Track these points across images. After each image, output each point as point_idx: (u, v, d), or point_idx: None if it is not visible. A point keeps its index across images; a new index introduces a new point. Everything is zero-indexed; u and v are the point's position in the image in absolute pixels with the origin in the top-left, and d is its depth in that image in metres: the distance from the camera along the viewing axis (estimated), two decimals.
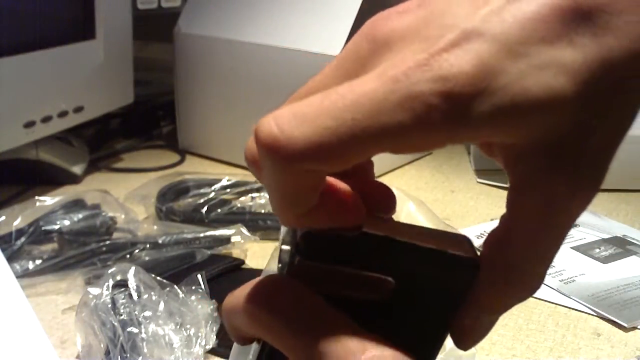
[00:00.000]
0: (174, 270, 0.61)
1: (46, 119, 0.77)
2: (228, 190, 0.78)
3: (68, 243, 0.64)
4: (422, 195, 0.82)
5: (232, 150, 0.91)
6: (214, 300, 0.52)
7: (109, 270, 0.52)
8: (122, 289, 0.50)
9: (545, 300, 0.61)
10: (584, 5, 0.19)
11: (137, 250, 0.64)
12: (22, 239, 0.63)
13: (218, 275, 0.60)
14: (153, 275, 0.53)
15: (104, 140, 0.99)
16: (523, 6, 0.19)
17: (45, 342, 0.43)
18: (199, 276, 0.54)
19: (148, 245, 0.64)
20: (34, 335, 0.43)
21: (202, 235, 0.66)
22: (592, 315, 0.59)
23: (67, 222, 0.65)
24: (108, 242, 0.64)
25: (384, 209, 0.24)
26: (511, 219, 0.22)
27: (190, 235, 0.66)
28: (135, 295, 0.50)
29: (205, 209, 0.73)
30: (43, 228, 0.65)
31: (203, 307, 0.52)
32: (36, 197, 0.69)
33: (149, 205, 0.75)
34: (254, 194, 0.77)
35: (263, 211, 0.75)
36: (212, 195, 0.76)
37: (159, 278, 0.53)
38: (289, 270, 0.22)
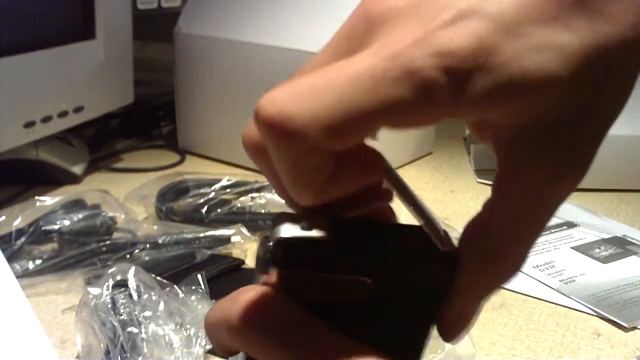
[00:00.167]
0: (174, 270, 0.61)
1: (46, 119, 0.77)
2: (228, 190, 0.78)
3: (68, 243, 0.64)
4: (422, 195, 0.82)
5: (232, 150, 0.91)
6: (213, 300, 0.52)
7: (109, 270, 0.52)
8: (122, 289, 0.51)
9: (545, 300, 0.61)
10: None
11: (137, 250, 0.64)
12: (22, 239, 0.63)
13: (218, 275, 0.60)
14: (153, 275, 0.53)
15: (104, 140, 0.99)
16: None
17: (45, 342, 0.43)
18: (199, 276, 0.54)
19: (148, 245, 0.64)
20: (34, 335, 0.43)
21: (202, 235, 0.66)
22: (592, 315, 0.59)
23: (67, 222, 0.65)
24: (108, 242, 0.64)
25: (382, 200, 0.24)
26: (497, 202, 0.22)
27: (190, 235, 0.66)
28: (135, 295, 0.50)
29: (205, 209, 0.73)
30: (43, 228, 0.65)
31: (203, 307, 0.52)
32: (36, 197, 0.69)
33: (149, 205, 0.75)
34: (254, 194, 0.77)
35: (263, 211, 0.75)
36: (212, 195, 0.76)
37: (159, 278, 0.53)
38: (264, 283, 0.22)
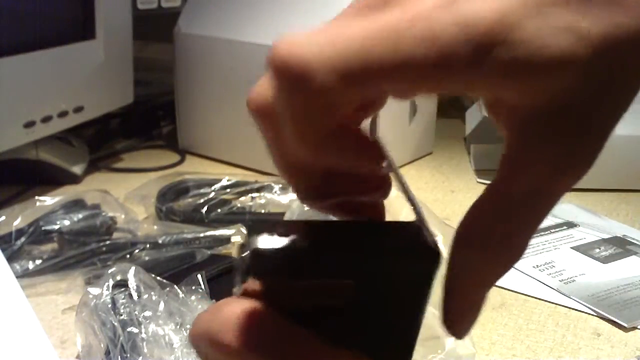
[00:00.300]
0: (174, 270, 0.61)
1: (46, 119, 0.77)
2: (228, 190, 0.78)
3: (68, 243, 0.64)
4: (422, 195, 0.82)
5: (232, 150, 0.91)
6: (213, 300, 0.52)
7: (109, 270, 0.52)
8: (122, 289, 0.50)
9: (545, 300, 0.61)
10: None
11: (137, 250, 0.64)
12: (22, 239, 0.63)
13: (218, 275, 0.60)
14: (153, 275, 0.53)
15: (104, 140, 0.99)
16: None
17: (45, 342, 0.43)
18: (199, 276, 0.54)
19: (148, 245, 0.64)
20: (34, 335, 0.43)
21: (202, 235, 0.66)
22: (592, 315, 0.59)
23: (67, 222, 0.65)
24: (108, 242, 0.64)
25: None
26: (501, 185, 0.22)
27: (190, 235, 0.66)
28: (135, 295, 0.50)
29: (205, 209, 0.73)
30: (43, 228, 0.65)
31: (203, 307, 0.52)
32: (36, 197, 0.69)
33: (149, 205, 0.75)
34: (254, 194, 0.77)
35: (263, 211, 0.75)
36: (212, 195, 0.76)
37: (159, 278, 0.53)
38: (243, 293, 0.22)
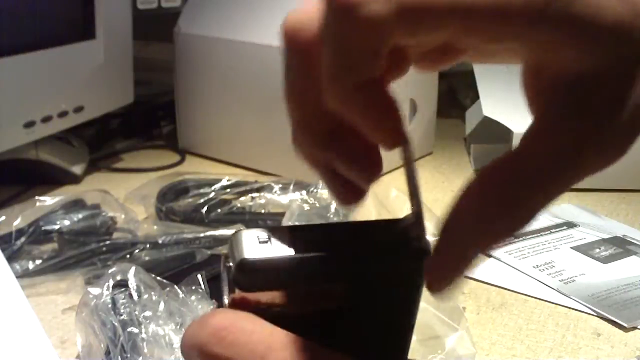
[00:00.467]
0: (174, 270, 0.61)
1: (46, 119, 0.77)
2: (228, 190, 0.78)
3: (68, 243, 0.64)
4: (423, 196, 0.82)
5: (232, 150, 0.91)
6: (213, 300, 0.52)
7: (109, 270, 0.52)
8: (122, 289, 0.50)
9: (545, 300, 0.61)
10: None
11: (137, 250, 0.64)
12: (22, 239, 0.63)
13: (218, 275, 0.60)
14: (153, 275, 0.53)
15: (104, 140, 0.99)
16: None
17: (45, 342, 0.43)
18: (199, 276, 0.54)
19: (148, 245, 0.64)
20: (34, 335, 0.43)
21: (202, 235, 0.66)
22: (592, 315, 0.59)
23: (67, 222, 0.65)
24: (108, 242, 0.64)
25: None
26: (524, 152, 0.21)
27: (190, 235, 0.66)
28: (135, 295, 0.50)
29: (205, 209, 0.73)
30: (43, 228, 0.65)
31: (203, 307, 0.52)
32: (36, 197, 0.69)
33: (149, 205, 0.75)
34: (254, 194, 0.77)
35: (263, 211, 0.75)
36: (212, 195, 0.76)
37: (159, 278, 0.53)
38: (232, 303, 0.22)
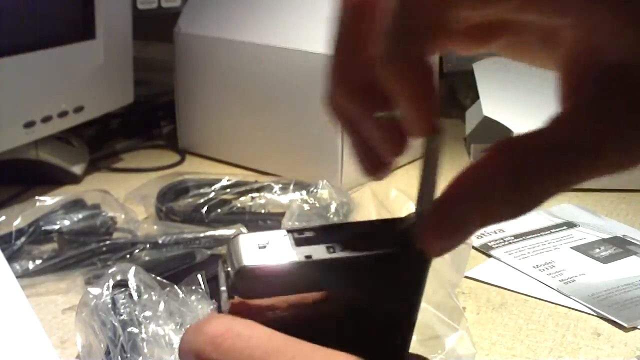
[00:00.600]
0: (174, 270, 0.61)
1: (46, 119, 0.77)
2: (228, 190, 0.78)
3: (68, 243, 0.64)
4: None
5: (232, 150, 0.91)
6: (213, 300, 0.52)
7: (109, 270, 0.52)
8: (122, 289, 0.50)
9: (545, 300, 0.61)
10: None
11: (137, 250, 0.64)
12: (22, 239, 0.63)
13: (217, 275, 0.60)
14: (153, 275, 0.53)
15: (104, 140, 0.99)
16: None
17: (45, 342, 0.43)
18: (199, 276, 0.54)
19: (148, 245, 0.64)
20: (34, 335, 0.43)
21: (202, 235, 0.66)
22: (592, 315, 0.59)
23: (67, 222, 0.65)
24: (108, 242, 0.64)
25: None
26: (545, 135, 0.21)
27: (190, 235, 0.66)
28: (135, 295, 0.50)
29: (205, 209, 0.73)
30: (43, 228, 0.65)
31: (203, 307, 0.52)
32: (36, 197, 0.69)
33: (149, 205, 0.75)
34: (254, 194, 0.77)
35: (263, 211, 0.75)
36: (212, 195, 0.76)
37: (159, 278, 0.53)
38: (232, 309, 0.22)
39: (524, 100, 0.87)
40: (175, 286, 0.52)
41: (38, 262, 0.61)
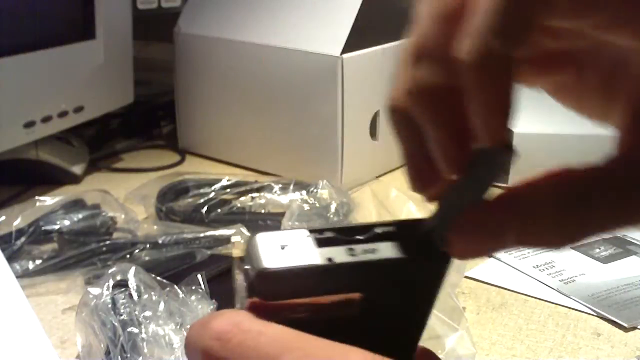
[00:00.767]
0: (174, 270, 0.61)
1: (46, 119, 0.77)
2: (228, 190, 0.78)
3: (68, 243, 0.64)
4: (422, 196, 0.82)
5: (232, 150, 0.91)
6: (213, 300, 0.52)
7: (109, 270, 0.52)
8: (122, 289, 0.50)
9: (545, 300, 0.61)
10: None
11: (137, 250, 0.64)
12: (22, 239, 0.63)
13: (218, 275, 0.60)
14: (153, 275, 0.53)
15: (104, 140, 0.99)
16: None
17: (45, 342, 0.43)
18: (199, 276, 0.54)
19: (148, 245, 0.64)
20: (34, 335, 0.43)
21: (202, 235, 0.66)
22: (592, 315, 0.59)
23: (67, 222, 0.65)
24: (108, 242, 0.64)
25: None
26: (603, 173, 0.20)
27: (190, 235, 0.66)
28: (135, 295, 0.50)
29: (205, 209, 0.73)
30: (43, 228, 0.65)
31: (203, 307, 0.52)
32: (36, 197, 0.69)
33: (149, 205, 0.75)
34: (254, 194, 0.77)
35: (263, 211, 0.75)
36: (212, 195, 0.76)
37: (159, 278, 0.53)
38: (250, 307, 0.21)
39: (524, 100, 0.86)
40: (175, 286, 0.52)
41: (38, 262, 0.61)
